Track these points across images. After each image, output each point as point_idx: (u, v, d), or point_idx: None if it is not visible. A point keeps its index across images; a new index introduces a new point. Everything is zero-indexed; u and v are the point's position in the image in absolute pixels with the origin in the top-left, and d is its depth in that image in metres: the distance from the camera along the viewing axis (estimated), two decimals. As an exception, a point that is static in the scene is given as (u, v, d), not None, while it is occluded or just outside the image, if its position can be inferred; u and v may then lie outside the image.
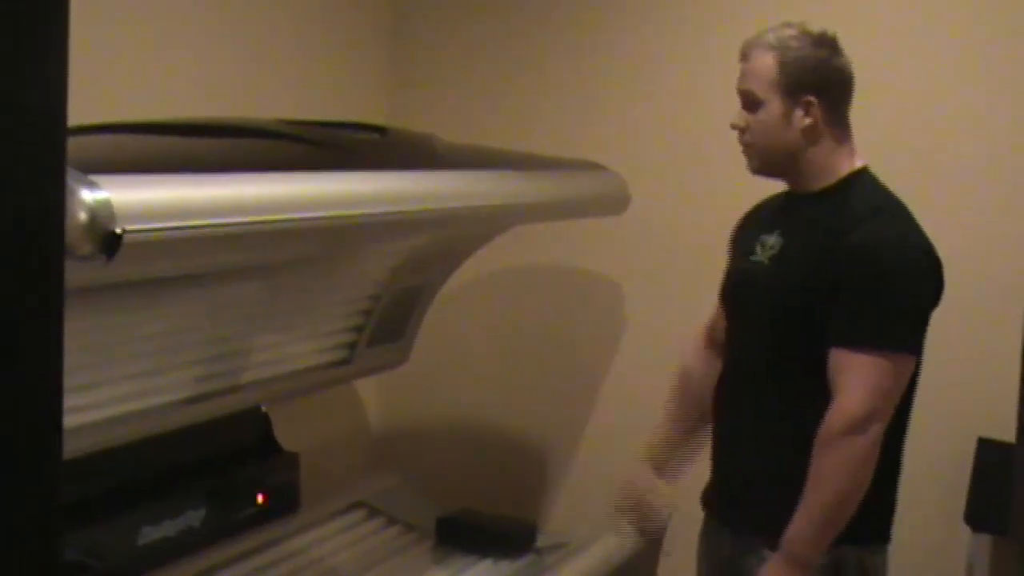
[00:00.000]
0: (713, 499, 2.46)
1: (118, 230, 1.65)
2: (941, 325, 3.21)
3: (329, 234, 2.27)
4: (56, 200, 1.11)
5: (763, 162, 2.31)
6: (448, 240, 3.14)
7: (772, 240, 2.33)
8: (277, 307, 2.73)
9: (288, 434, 3.36)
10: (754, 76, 2.26)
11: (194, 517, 2.92)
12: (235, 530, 3.07)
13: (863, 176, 2.33)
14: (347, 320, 3.08)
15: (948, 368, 3.21)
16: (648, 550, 2.79)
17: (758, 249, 2.35)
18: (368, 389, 4.06)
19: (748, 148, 2.30)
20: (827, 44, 2.28)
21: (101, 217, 1.63)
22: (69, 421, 1.18)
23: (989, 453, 3.12)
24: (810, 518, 2.16)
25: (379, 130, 2.80)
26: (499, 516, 3.48)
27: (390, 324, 3.24)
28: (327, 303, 2.97)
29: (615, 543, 3.15)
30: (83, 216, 1.61)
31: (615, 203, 3.22)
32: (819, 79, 2.26)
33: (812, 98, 2.24)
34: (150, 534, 2.79)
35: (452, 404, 4.06)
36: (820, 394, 2.19)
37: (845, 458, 2.14)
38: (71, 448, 1.22)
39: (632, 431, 2.56)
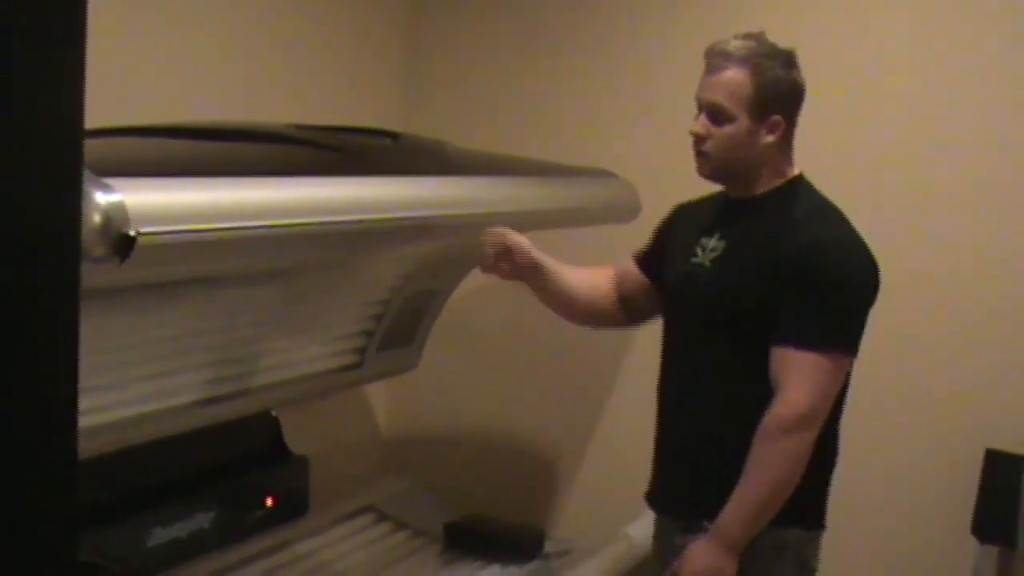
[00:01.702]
0: (662, 497, 2.49)
1: (132, 233, 1.66)
2: (949, 337, 3.23)
3: (341, 239, 2.28)
4: (72, 203, 1.13)
5: (716, 170, 2.33)
6: (460, 246, 3.15)
7: (713, 243, 2.36)
8: (289, 311, 2.74)
9: (298, 438, 3.37)
10: (726, 90, 2.25)
11: (204, 519, 2.94)
12: (244, 533, 3.08)
13: (801, 182, 2.37)
14: (358, 325, 3.09)
15: (956, 380, 3.22)
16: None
17: (699, 251, 2.38)
18: (378, 394, 4.07)
19: (704, 156, 2.31)
20: (794, 63, 2.30)
21: (115, 220, 1.65)
22: (81, 422, 1.19)
23: (997, 465, 3.12)
24: (744, 507, 2.21)
25: (392, 136, 2.81)
26: (507, 522, 3.49)
27: (401, 329, 3.26)
28: (339, 307, 2.98)
29: (622, 546, 3.17)
30: (97, 218, 1.63)
31: (626, 211, 3.23)
32: (787, 98, 2.29)
33: (779, 118, 2.28)
34: (160, 536, 2.81)
35: (461, 410, 4.07)
36: (765, 393, 2.23)
37: (786, 453, 2.19)
38: (82, 449, 1.23)
39: (641, 438, 2.56)
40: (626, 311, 2.64)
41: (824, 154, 3.33)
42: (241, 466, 3.17)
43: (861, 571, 3.35)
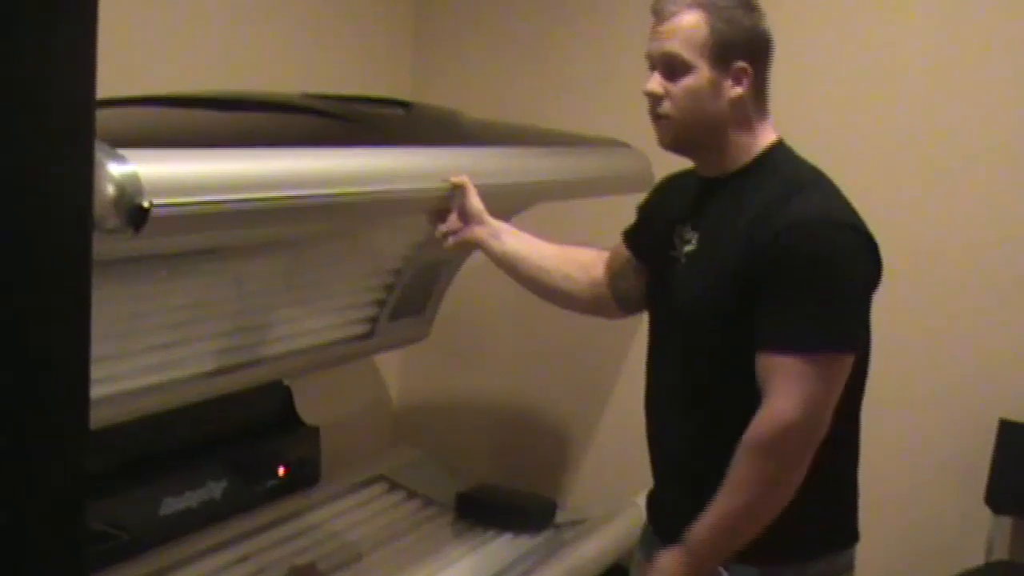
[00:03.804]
0: (658, 519, 2.21)
1: (145, 204, 1.65)
2: (963, 307, 3.21)
3: (355, 209, 2.27)
4: (85, 172, 1.12)
5: (679, 137, 2.02)
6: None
7: (687, 233, 2.06)
8: (301, 281, 2.73)
9: (309, 408, 3.37)
10: (679, 37, 1.95)
11: (215, 488, 2.94)
12: (256, 502, 3.09)
13: (778, 152, 2.04)
14: (370, 294, 3.08)
15: (970, 350, 3.21)
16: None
17: (676, 242, 2.09)
18: (390, 364, 4.07)
19: (664, 120, 2.00)
20: (754, 7, 2.01)
21: (129, 191, 1.64)
22: (92, 392, 1.19)
23: (1011, 435, 3.11)
24: (715, 523, 1.93)
25: (404, 105, 2.79)
26: (518, 492, 3.49)
27: (412, 298, 3.25)
28: (351, 277, 2.97)
29: (633, 517, 3.16)
30: (111, 189, 1.62)
31: (639, 181, 3.20)
32: (751, 44, 1.98)
33: (744, 65, 1.97)
34: (172, 505, 2.81)
35: (473, 380, 4.07)
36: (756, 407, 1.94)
37: (768, 472, 1.89)
38: (94, 419, 1.23)
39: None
40: (617, 296, 2.35)
41: (839, 137, 3.31)
42: (252, 435, 3.18)
43: (875, 541, 3.34)
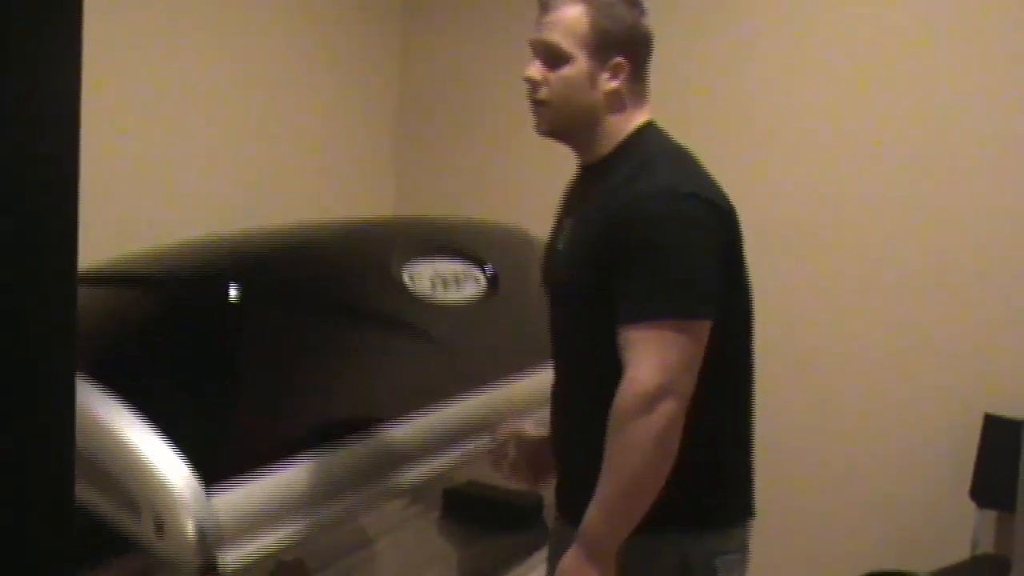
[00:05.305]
0: (557, 497, 2.24)
1: (220, 563, 1.56)
2: (948, 303, 3.22)
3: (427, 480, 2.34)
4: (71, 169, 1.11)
5: (556, 124, 2.08)
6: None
7: (566, 223, 2.14)
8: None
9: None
10: (561, 28, 2.02)
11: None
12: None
13: (644, 132, 2.08)
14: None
15: (955, 344, 3.22)
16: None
17: (561, 235, 2.15)
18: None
19: (541, 106, 2.07)
20: (637, 4, 2.07)
21: (208, 540, 1.55)
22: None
23: (996, 429, 3.12)
24: (603, 506, 1.94)
25: (492, 281, 2.77)
26: (505, 489, 3.48)
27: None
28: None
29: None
30: (190, 533, 1.52)
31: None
32: (630, 40, 2.05)
33: (621, 60, 2.03)
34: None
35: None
36: None
37: (635, 440, 1.89)
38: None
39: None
40: None
41: (832, 136, 3.33)
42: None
43: (861, 534, 3.36)
